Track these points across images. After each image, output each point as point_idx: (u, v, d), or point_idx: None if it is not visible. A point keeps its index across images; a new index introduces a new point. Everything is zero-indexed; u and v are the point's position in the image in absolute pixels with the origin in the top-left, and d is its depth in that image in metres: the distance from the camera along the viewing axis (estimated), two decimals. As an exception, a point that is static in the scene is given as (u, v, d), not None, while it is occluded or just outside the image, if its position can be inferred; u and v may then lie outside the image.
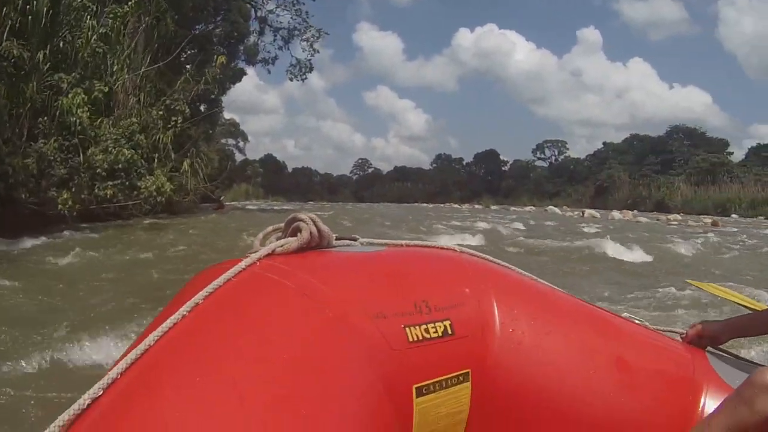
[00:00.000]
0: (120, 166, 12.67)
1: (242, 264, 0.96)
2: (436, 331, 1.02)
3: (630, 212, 29.31)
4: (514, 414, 1.09)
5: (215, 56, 18.30)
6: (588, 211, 29.25)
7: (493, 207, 45.45)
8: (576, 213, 32.90)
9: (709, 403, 1.17)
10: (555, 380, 1.11)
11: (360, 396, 0.84)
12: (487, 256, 1.29)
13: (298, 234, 1.06)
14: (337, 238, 1.15)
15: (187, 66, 17.88)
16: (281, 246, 1.04)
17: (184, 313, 0.84)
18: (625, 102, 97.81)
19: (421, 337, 0.99)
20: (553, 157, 66.84)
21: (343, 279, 1.02)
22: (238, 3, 21.16)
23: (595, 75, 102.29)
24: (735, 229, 19.77)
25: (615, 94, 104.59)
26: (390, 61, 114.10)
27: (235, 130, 46.43)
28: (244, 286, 0.92)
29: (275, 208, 27.89)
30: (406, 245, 1.26)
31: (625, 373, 1.15)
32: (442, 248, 1.28)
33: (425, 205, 48.77)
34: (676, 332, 1.41)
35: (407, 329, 0.98)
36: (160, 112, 15.06)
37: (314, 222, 1.08)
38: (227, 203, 29.89)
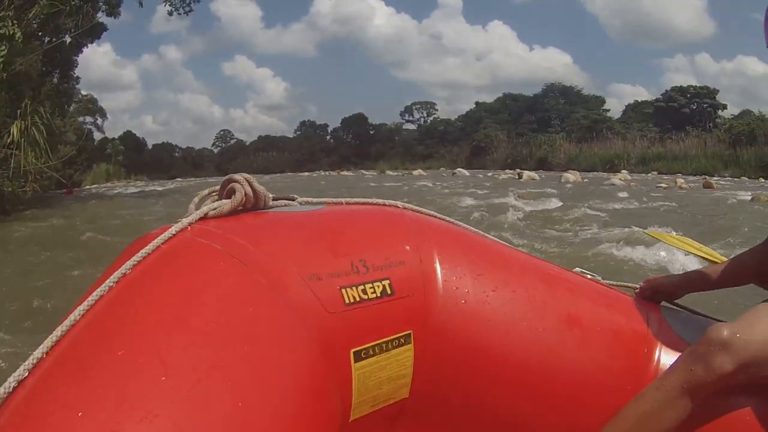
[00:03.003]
0: None
1: (172, 230, 0.92)
2: (375, 292, 0.98)
3: (577, 172, 24.64)
4: (460, 374, 1.05)
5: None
6: (527, 173, 24.85)
7: (388, 172, 38.01)
8: (508, 174, 26.34)
9: (664, 359, 1.14)
10: (502, 338, 1.07)
11: (294, 361, 0.82)
12: (432, 212, 1.23)
13: (233, 196, 1.01)
14: (275, 199, 1.10)
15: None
16: (214, 209, 0.98)
17: (111, 284, 0.81)
18: (485, 64, 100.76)
19: (358, 299, 0.95)
20: (422, 119, 65.86)
21: (276, 240, 0.97)
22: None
23: (455, 38, 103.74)
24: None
25: (475, 57, 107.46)
26: (248, 30, 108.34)
27: (93, 107, 42.00)
28: (173, 253, 0.88)
29: (145, 190, 21.92)
30: (345, 203, 1.19)
31: (576, 330, 1.12)
32: (384, 205, 1.21)
33: (303, 174, 41.26)
34: (630, 286, 1.37)
35: (344, 290, 0.94)
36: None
37: (249, 182, 1.03)
38: (86, 187, 25.78)
